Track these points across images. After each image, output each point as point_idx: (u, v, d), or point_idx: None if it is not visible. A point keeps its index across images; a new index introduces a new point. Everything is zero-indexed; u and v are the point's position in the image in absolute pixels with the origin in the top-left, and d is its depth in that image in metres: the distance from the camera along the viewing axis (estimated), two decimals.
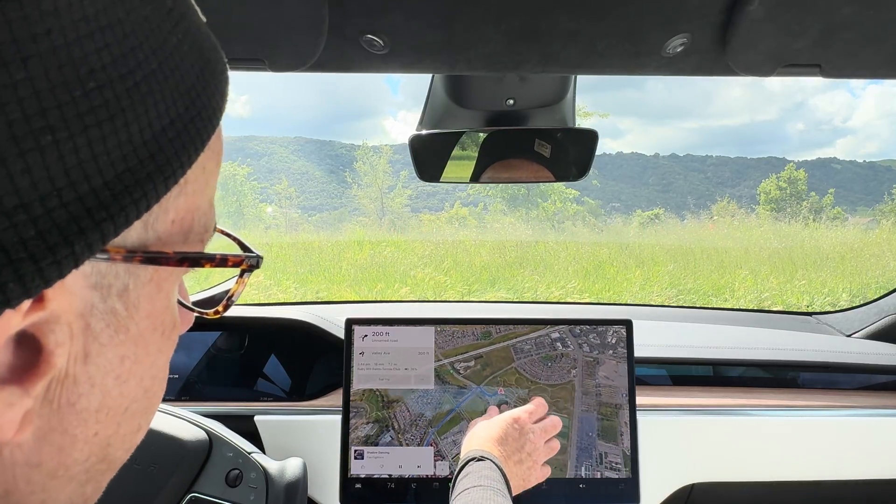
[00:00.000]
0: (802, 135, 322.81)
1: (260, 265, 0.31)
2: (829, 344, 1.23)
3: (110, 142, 0.20)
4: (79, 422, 0.24)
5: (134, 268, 0.24)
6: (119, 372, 0.25)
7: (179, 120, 0.23)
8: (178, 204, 0.25)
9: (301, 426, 1.01)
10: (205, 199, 0.27)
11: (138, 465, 0.77)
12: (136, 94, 0.21)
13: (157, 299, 0.26)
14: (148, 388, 0.27)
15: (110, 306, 0.23)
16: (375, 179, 36.46)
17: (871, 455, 1.03)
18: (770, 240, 11.18)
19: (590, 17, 0.55)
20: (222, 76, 0.27)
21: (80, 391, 0.23)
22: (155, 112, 0.22)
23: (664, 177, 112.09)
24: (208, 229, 0.28)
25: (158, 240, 0.24)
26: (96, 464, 0.26)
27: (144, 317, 0.25)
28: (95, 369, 0.24)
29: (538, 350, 0.95)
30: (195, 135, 0.24)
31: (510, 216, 18.93)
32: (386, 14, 0.54)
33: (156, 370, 0.27)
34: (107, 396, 0.24)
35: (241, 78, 56.57)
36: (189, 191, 0.25)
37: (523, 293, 7.57)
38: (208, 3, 0.52)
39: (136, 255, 0.23)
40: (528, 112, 0.86)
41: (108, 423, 0.25)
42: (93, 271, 0.22)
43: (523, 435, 0.78)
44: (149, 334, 0.26)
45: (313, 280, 8.33)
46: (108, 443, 0.26)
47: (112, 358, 0.24)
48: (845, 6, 0.51)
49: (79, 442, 0.24)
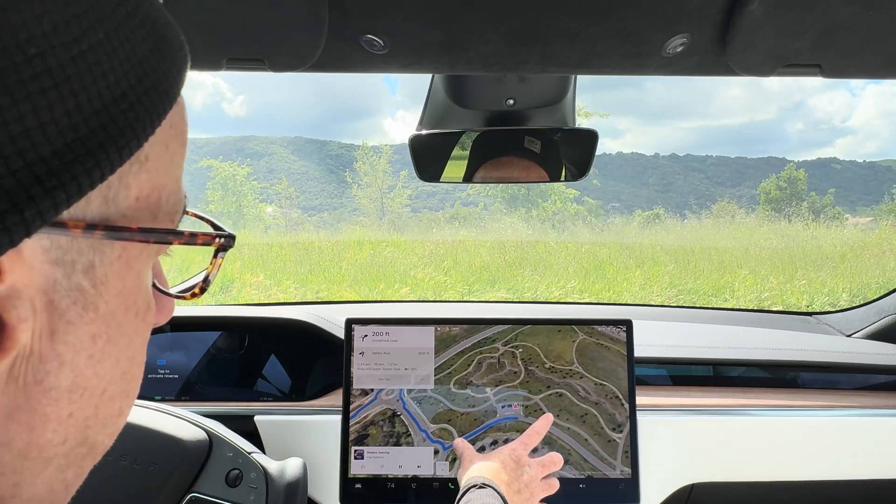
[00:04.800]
0: (802, 135, 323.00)
1: (233, 244, 0.30)
2: (829, 344, 1.23)
3: (57, 110, 0.20)
4: (48, 401, 0.23)
5: (98, 244, 0.24)
6: (91, 351, 0.24)
7: (132, 92, 0.23)
8: (141, 180, 0.25)
9: (301, 426, 1.01)
10: (171, 178, 0.27)
11: (138, 465, 0.77)
12: (81, 62, 0.21)
13: (128, 278, 0.26)
14: (125, 370, 0.27)
15: (76, 283, 0.23)
16: (375, 179, 36.46)
17: (871, 455, 1.03)
18: (770, 240, 11.19)
19: (590, 17, 0.54)
20: (179, 52, 0.27)
21: (47, 369, 0.23)
22: (104, 82, 0.22)
23: (664, 177, 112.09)
24: (179, 210, 0.28)
25: (123, 216, 0.24)
26: (75, 447, 0.25)
27: (114, 295, 0.25)
28: (64, 347, 0.23)
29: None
30: (150, 108, 0.24)
31: (510, 216, 18.92)
32: (386, 14, 0.54)
33: (132, 352, 0.27)
34: (79, 376, 0.24)
35: (239, 78, 55.60)
36: (151, 167, 0.25)
37: (523, 293, 7.57)
38: (209, 3, 0.52)
39: (96, 228, 0.23)
40: (528, 112, 0.86)
41: (83, 404, 0.25)
42: (52, 246, 0.22)
43: (520, 467, 0.79)
44: (121, 314, 0.26)
45: (313, 280, 8.33)
46: (86, 425, 0.25)
47: (82, 336, 0.24)
48: (845, 6, 0.51)
49: (51, 422, 0.24)
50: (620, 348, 0.95)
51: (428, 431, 0.94)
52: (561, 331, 0.96)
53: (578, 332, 0.96)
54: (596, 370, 0.95)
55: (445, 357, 0.96)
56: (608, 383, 0.94)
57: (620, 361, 0.95)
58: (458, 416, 0.94)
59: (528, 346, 0.96)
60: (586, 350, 0.95)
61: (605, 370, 0.95)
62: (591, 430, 0.93)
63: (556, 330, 0.96)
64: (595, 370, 0.95)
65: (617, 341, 0.96)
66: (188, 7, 0.52)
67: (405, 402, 0.95)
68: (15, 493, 0.24)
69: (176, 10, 0.52)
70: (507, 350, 0.96)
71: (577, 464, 0.92)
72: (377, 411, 0.94)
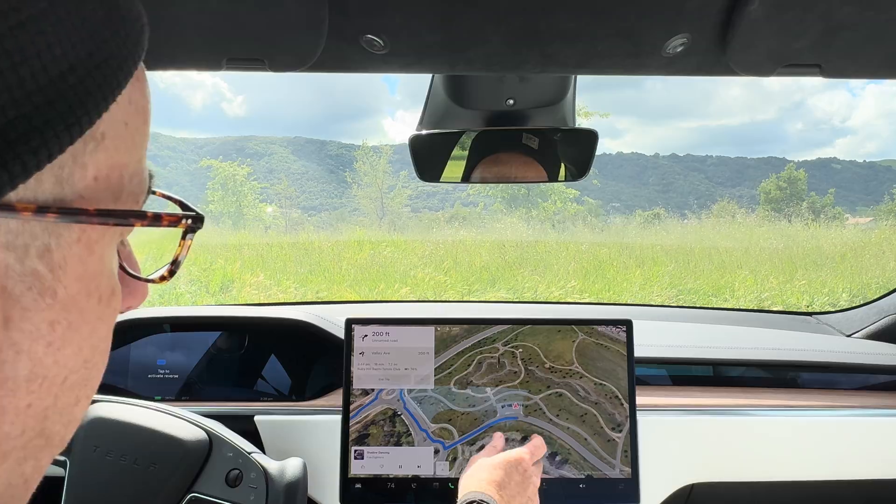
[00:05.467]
0: (802, 134, 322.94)
1: (202, 224, 0.29)
2: (829, 344, 1.23)
3: None
4: (5, 392, 0.22)
5: (53, 226, 0.23)
6: (50, 339, 0.23)
7: (81, 66, 0.22)
8: (98, 159, 0.24)
9: (301, 426, 1.01)
10: (132, 158, 0.26)
11: (138, 465, 0.77)
12: (21, 34, 0.20)
13: (89, 262, 0.24)
14: (88, 358, 0.26)
15: (30, 268, 0.22)
16: (375, 179, 36.46)
17: (870, 455, 1.03)
18: (770, 240, 11.18)
19: (590, 17, 0.54)
20: (136, 23, 0.25)
21: (3, 358, 0.22)
22: (49, 55, 0.20)
23: (664, 177, 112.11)
24: (143, 190, 0.27)
25: (80, 197, 0.23)
26: (33, 439, 0.24)
27: (74, 280, 0.24)
28: (20, 335, 0.22)
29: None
30: (102, 82, 0.23)
31: (510, 216, 18.93)
32: (386, 14, 0.54)
33: (96, 339, 0.26)
34: (38, 365, 0.23)
35: (239, 78, 55.53)
36: (109, 146, 0.24)
37: (523, 293, 7.57)
38: (209, 3, 0.52)
39: (48, 210, 0.22)
40: (529, 112, 0.86)
41: (42, 394, 0.24)
42: (1, 229, 0.21)
43: (527, 479, 0.78)
44: (83, 300, 0.24)
45: (313, 280, 8.33)
46: (45, 416, 0.24)
47: (39, 323, 0.23)
48: (845, 6, 0.51)
49: (8, 414, 0.23)
50: (620, 348, 0.95)
51: (428, 431, 0.94)
52: (561, 331, 0.96)
53: (578, 332, 0.96)
54: (596, 370, 0.95)
55: (445, 357, 0.96)
56: (608, 383, 0.94)
57: (620, 361, 0.95)
58: (459, 415, 0.94)
59: (528, 346, 0.96)
60: (586, 350, 0.95)
61: (605, 370, 0.95)
62: (591, 430, 0.93)
63: (556, 330, 0.96)
64: (595, 370, 0.95)
65: (617, 341, 0.96)
66: (188, 7, 0.52)
67: (405, 401, 0.95)
68: None
69: (176, 10, 0.52)
70: (508, 350, 0.96)
71: (576, 463, 0.92)
72: (377, 411, 0.94)
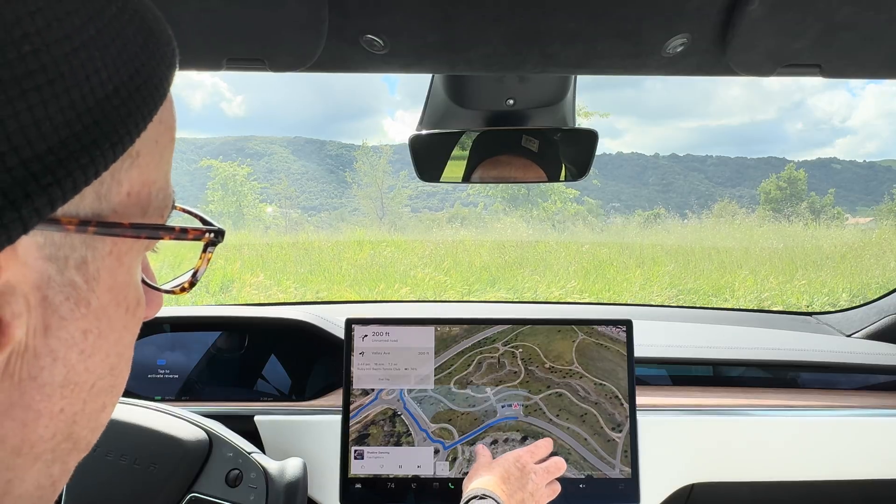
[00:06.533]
0: (802, 134, 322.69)
1: (222, 239, 0.30)
2: (829, 344, 1.23)
3: (51, 107, 0.20)
4: (42, 397, 0.24)
5: (91, 239, 0.24)
6: (83, 346, 0.25)
7: (124, 88, 0.23)
8: (132, 176, 0.25)
9: (301, 426, 1.01)
10: (160, 174, 0.27)
11: (138, 465, 0.77)
12: (75, 59, 0.21)
13: (119, 273, 0.26)
14: (114, 365, 0.27)
15: (68, 279, 0.23)
16: (375, 179, 36.45)
17: (870, 455, 1.03)
18: (770, 240, 11.19)
19: (590, 17, 0.54)
20: (167, 47, 0.27)
21: (41, 364, 0.23)
22: (97, 79, 0.22)
23: (664, 177, 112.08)
24: (168, 205, 0.28)
25: (114, 212, 0.24)
26: (62, 442, 0.25)
27: (106, 290, 0.25)
28: (57, 343, 0.23)
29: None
30: (141, 104, 0.24)
31: (510, 216, 18.93)
32: (386, 14, 0.54)
33: (121, 347, 0.27)
34: (71, 371, 0.24)
35: (238, 78, 55.55)
36: (142, 163, 0.26)
37: (523, 293, 7.57)
38: (209, 3, 0.52)
39: (90, 224, 0.23)
40: (528, 112, 0.86)
41: (73, 399, 0.25)
42: (46, 242, 0.22)
43: (525, 475, 0.79)
44: (112, 309, 0.26)
45: (313, 280, 8.33)
46: (73, 420, 0.25)
47: (74, 332, 0.24)
48: (845, 6, 0.51)
49: (43, 417, 0.24)
50: (620, 348, 0.95)
51: (428, 431, 0.94)
52: (561, 331, 0.96)
53: (578, 332, 0.96)
54: (596, 370, 0.95)
55: (445, 357, 0.96)
56: (608, 383, 0.94)
57: (620, 361, 0.95)
58: (459, 415, 0.94)
59: (528, 346, 0.96)
60: (586, 350, 0.95)
61: (605, 370, 0.95)
62: (591, 430, 0.93)
63: (556, 330, 0.96)
64: (595, 370, 0.95)
65: (617, 341, 0.96)
66: (188, 7, 0.52)
67: (405, 401, 0.95)
68: (7, 491, 0.24)
69: (176, 10, 0.52)
70: (507, 350, 0.96)
71: (576, 463, 0.92)
72: (377, 411, 0.94)
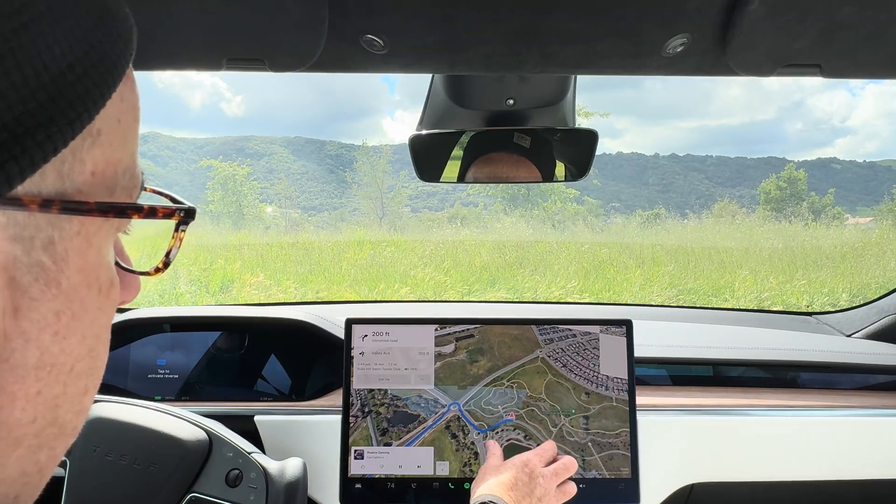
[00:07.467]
0: (802, 134, 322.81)
1: (193, 217, 0.30)
2: (829, 344, 1.23)
3: (2, 83, 0.20)
4: (15, 378, 0.23)
5: (56, 219, 0.24)
6: (56, 328, 0.24)
7: (79, 64, 0.23)
8: (95, 155, 0.25)
9: (301, 426, 1.01)
10: (126, 153, 0.27)
11: (138, 465, 0.77)
12: (23, 35, 0.21)
13: (88, 254, 0.26)
14: (91, 346, 0.27)
15: (36, 259, 0.23)
16: (375, 179, 36.45)
17: (870, 455, 1.03)
18: (770, 240, 11.19)
19: (590, 17, 0.54)
20: (125, 24, 0.26)
21: (12, 346, 0.23)
22: (49, 54, 0.22)
23: (664, 177, 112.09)
24: (136, 185, 0.28)
25: (79, 191, 0.24)
26: (46, 427, 0.25)
27: (76, 271, 0.25)
28: (29, 324, 0.23)
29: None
30: (99, 80, 0.24)
31: (510, 216, 18.94)
32: (386, 14, 0.54)
33: (98, 329, 0.27)
34: (45, 353, 0.24)
35: (238, 78, 55.62)
36: (104, 142, 0.25)
37: (523, 293, 7.57)
38: (209, 3, 0.52)
39: (53, 204, 0.23)
40: (528, 112, 0.86)
41: (51, 381, 0.25)
42: (9, 222, 0.22)
43: (533, 479, 0.78)
44: (84, 290, 0.26)
45: (313, 280, 8.33)
46: (56, 404, 0.25)
47: (46, 313, 0.24)
48: (845, 6, 0.51)
49: (18, 400, 0.24)
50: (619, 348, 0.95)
51: (428, 431, 0.93)
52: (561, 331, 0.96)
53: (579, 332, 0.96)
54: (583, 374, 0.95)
55: (446, 357, 0.95)
56: (608, 383, 0.94)
57: (620, 361, 0.95)
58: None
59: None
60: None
61: (606, 370, 0.95)
62: (591, 430, 0.93)
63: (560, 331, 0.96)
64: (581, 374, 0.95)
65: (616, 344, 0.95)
66: (188, 7, 0.52)
67: (405, 401, 0.94)
68: None
69: (176, 10, 0.52)
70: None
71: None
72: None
